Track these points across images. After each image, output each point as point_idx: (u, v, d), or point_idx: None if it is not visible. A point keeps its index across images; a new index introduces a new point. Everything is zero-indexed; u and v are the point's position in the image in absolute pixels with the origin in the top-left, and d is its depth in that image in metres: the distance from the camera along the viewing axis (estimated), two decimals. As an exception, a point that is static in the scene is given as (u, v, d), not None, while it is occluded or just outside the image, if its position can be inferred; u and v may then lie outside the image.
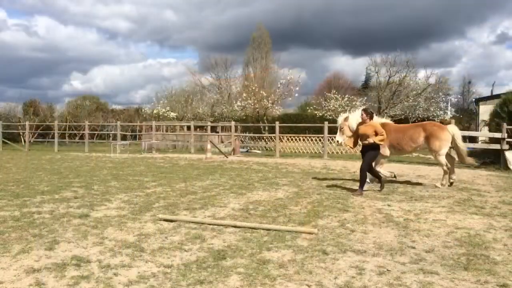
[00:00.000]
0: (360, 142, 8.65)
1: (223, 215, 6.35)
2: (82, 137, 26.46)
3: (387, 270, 4.00)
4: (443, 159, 9.40)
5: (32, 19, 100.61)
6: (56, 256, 4.34)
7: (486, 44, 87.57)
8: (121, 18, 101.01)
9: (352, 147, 9.06)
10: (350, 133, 9.44)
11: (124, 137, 25.14)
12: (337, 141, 9.83)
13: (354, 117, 9.52)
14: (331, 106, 35.45)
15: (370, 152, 8.32)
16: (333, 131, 26.20)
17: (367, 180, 8.95)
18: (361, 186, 8.30)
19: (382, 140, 8.26)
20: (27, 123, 25.53)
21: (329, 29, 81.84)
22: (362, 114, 8.56)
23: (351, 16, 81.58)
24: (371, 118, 8.54)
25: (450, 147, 9.74)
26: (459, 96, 52.51)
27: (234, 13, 79.94)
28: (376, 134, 8.24)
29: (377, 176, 8.78)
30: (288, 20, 74.71)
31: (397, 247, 4.74)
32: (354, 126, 9.16)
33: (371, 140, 8.14)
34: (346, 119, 9.68)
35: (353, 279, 3.77)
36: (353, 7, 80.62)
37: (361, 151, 8.63)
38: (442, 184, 9.36)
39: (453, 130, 9.59)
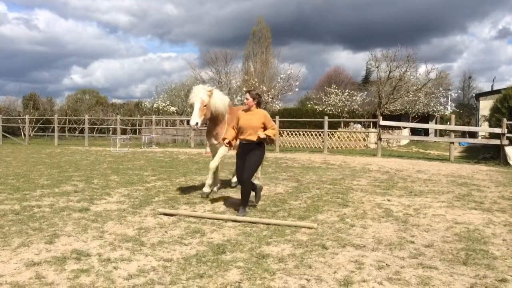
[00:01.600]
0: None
1: (223, 210, 6.36)
2: (82, 131, 26.46)
3: (386, 264, 4.01)
4: None
5: (32, 13, 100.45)
6: (56, 250, 4.35)
7: (487, 39, 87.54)
8: (121, 12, 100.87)
9: (231, 145, 6.31)
10: (209, 115, 6.98)
11: (124, 131, 25.13)
12: (196, 124, 6.67)
13: (220, 97, 7.06)
14: (331, 101, 35.42)
15: (255, 154, 5.97)
16: (333, 126, 26.26)
17: (210, 185, 6.98)
18: (245, 203, 6.03)
19: (274, 136, 6.04)
20: (27, 117, 25.49)
21: (329, 24, 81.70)
22: (247, 98, 6.17)
23: (352, 10, 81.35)
24: (258, 104, 6.19)
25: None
26: (460, 91, 52.54)
27: (235, 7, 79.70)
28: (265, 128, 5.99)
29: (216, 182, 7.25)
30: (288, 14, 74.57)
31: (396, 241, 4.75)
32: (218, 109, 6.94)
33: (261, 135, 5.83)
34: (211, 93, 6.88)
35: (352, 273, 3.78)
36: (354, 1, 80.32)
37: (239, 151, 6.17)
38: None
39: None
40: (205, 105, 6.80)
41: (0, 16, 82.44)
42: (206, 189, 6.92)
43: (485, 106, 26.34)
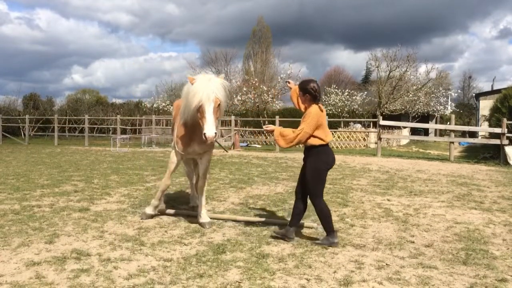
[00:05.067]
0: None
1: (223, 209, 6.36)
2: (82, 131, 26.44)
3: (386, 264, 4.01)
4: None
5: (33, 12, 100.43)
6: (56, 250, 4.35)
7: (488, 39, 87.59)
8: (123, 12, 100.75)
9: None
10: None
11: (124, 131, 25.13)
12: (215, 134, 4.85)
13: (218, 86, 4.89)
14: (331, 101, 35.42)
15: (307, 164, 4.66)
16: (333, 125, 26.22)
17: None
18: (327, 228, 4.59)
19: (279, 136, 4.59)
20: (27, 116, 25.49)
21: (331, 23, 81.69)
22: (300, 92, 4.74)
23: (353, 10, 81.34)
24: (314, 99, 4.63)
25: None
26: (460, 91, 52.55)
27: (237, 7, 79.63)
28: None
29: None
30: (290, 14, 74.53)
31: (396, 241, 4.75)
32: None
33: (268, 126, 4.78)
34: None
35: (352, 273, 3.78)
36: (356, 1, 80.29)
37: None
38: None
39: None
40: (219, 105, 4.86)
41: (2, 15, 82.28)
42: (149, 210, 5.65)
43: (485, 106, 26.35)
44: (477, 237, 4.96)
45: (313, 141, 4.55)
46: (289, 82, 5.31)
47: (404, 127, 26.35)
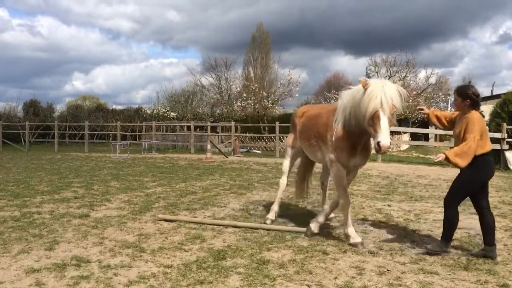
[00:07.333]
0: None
1: (223, 215, 6.35)
2: (82, 137, 26.47)
3: (387, 270, 4.00)
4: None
5: (35, 19, 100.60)
6: (56, 256, 4.34)
7: (488, 44, 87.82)
8: (124, 19, 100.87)
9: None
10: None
11: (124, 137, 25.14)
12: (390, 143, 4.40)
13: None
14: (331, 106, 35.44)
15: (459, 174, 4.49)
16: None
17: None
18: (444, 235, 4.55)
19: (463, 154, 4.21)
20: (27, 123, 25.52)
21: (331, 29, 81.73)
22: (455, 100, 4.55)
23: (353, 16, 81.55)
24: (474, 105, 4.38)
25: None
26: (459, 96, 52.58)
27: (238, 13, 79.82)
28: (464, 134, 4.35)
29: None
30: (290, 20, 74.62)
31: (397, 247, 4.74)
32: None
33: (436, 158, 4.33)
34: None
35: (353, 279, 3.77)
36: (356, 7, 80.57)
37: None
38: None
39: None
40: (393, 113, 4.46)
41: (4, 22, 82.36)
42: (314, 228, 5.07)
43: (484, 111, 26.36)
44: (478, 242, 4.95)
45: (476, 150, 4.30)
46: (422, 109, 5.06)
47: (404, 132, 26.37)
